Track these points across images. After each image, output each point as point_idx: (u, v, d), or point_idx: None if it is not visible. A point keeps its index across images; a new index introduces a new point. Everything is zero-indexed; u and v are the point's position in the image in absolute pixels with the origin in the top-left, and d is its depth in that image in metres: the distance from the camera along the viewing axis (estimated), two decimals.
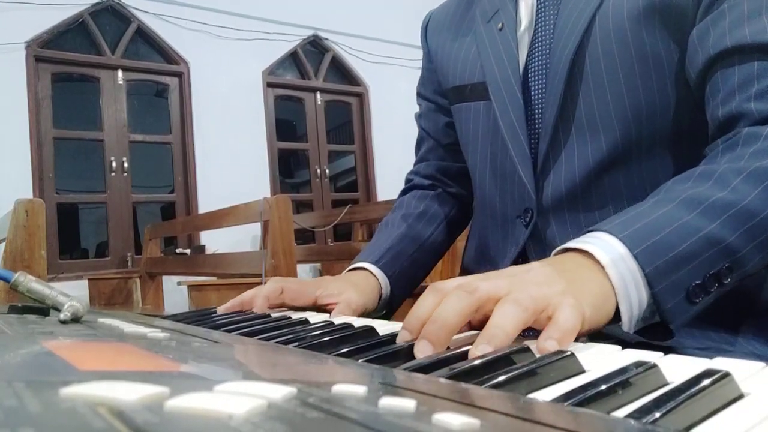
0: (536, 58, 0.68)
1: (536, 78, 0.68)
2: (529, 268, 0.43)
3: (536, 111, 0.68)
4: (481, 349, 0.34)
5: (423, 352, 0.36)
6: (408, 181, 0.92)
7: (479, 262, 0.78)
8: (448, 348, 0.37)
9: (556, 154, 0.66)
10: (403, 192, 0.91)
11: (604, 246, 0.45)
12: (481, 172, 0.76)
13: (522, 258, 0.70)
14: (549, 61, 0.66)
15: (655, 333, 0.46)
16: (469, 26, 0.77)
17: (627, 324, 0.44)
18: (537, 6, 0.69)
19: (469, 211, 0.89)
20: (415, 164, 0.92)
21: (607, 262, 0.44)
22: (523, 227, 0.69)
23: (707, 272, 0.45)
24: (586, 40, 0.62)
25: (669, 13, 0.59)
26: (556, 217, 0.66)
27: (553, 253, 0.49)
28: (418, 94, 0.90)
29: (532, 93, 0.68)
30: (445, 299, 0.39)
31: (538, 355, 0.33)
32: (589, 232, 0.48)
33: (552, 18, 0.67)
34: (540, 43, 0.67)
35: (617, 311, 0.44)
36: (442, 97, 0.84)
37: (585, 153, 0.64)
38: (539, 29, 0.68)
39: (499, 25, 0.71)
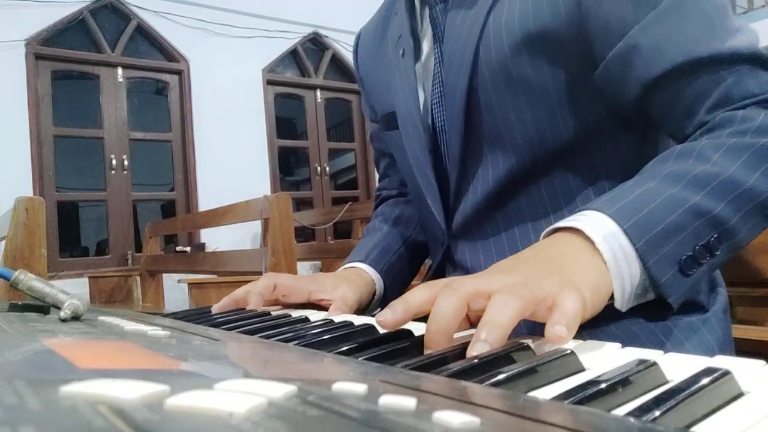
0: (436, 89, 0.68)
1: (438, 109, 0.68)
2: (521, 261, 0.43)
3: (442, 142, 0.69)
4: (477, 348, 0.33)
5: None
6: (377, 197, 0.94)
7: None
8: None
9: (466, 184, 0.67)
10: (376, 206, 0.93)
11: (594, 223, 0.45)
12: (412, 195, 0.80)
13: (438, 274, 0.74)
14: (446, 94, 0.66)
15: (653, 312, 0.46)
16: (383, 50, 0.78)
17: (620, 301, 0.44)
18: (433, 37, 0.69)
19: None
20: (380, 180, 0.95)
21: (598, 239, 0.43)
22: (439, 247, 0.73)
23: (697, 243, 0.45)
24: (475, 71, 0.62)
25: (546, 41, 0.58)
26: (467, 241, 0.69)
27: (542, 234, 0.48)
28: (367, 114, 0.91)
29: (436, 124, 0.69)
30: (435, 304, 0.38)
31: (548, 342, 0.33)
32: (577, 211, 0.48)
33: (444, 46, 0.67)
34: (437, 74, 0.68)
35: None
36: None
37: (486, 180, 0.65)
38: (437, 61, 0.68)
39: (401, 51, 0.72)
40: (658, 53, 0.54)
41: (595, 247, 0.43)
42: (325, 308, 0.64)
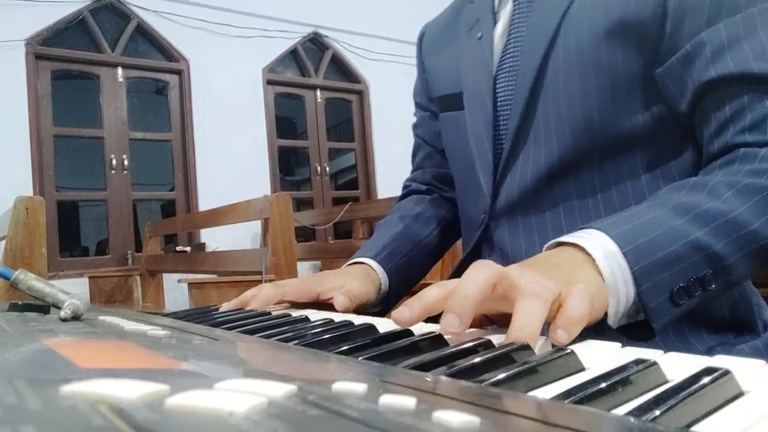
0: (506, 65, 0.69)
1: (504, 85, 0.69)
2: (527, 266, 0.44)
3: (502, 118, 0.69)
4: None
5: (450, 325, 0.37)
6: (405, 187, 0.94)
7: None
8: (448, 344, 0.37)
9: (515, 160, 0.67)
10: (401, 198, 0.93)
11: (597, 242, 0.46)
12: (456, 178, 0.80)
13: (473, 256, 0.74)
14: (517, 69, 0.67)
15: (637, 332, 0.47)
16: (454, 36, 0.79)
17: (612, 318, 0.45)
18: (513, 14, 0.70)
19: None
20: (412, 172, 0.94)
21: (599, 257, 0.45)
22: (476, 228, 0.73)
23: (692, 276, 0.46)
24: (551, 50, 0.63)
25: (629, 29, 0.59)
26: (509, 220, 0.69)
27: (545, 247, 0.50)
28: (415, 104, 0.92)
29: (499, 100, 0.70)
30: (465, 274, 0.39)
31: (550, 346, 0.33)
32: (581, 228, 0.49)
33: (525, 24, 0.68)
34: (511, 51, 0.69)
35: None
36: (434, 105, 0.86)
37: (538, 159, 0.65)
38: (512, 37, 0.69)
39: (479, 35, 0.73)
40: (716, 60, 0.55)
41: (595, 264, 0.45)
42: (331, 306, 0.64)
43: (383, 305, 0.77)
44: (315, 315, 0.57)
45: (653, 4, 0.58)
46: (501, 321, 0.45)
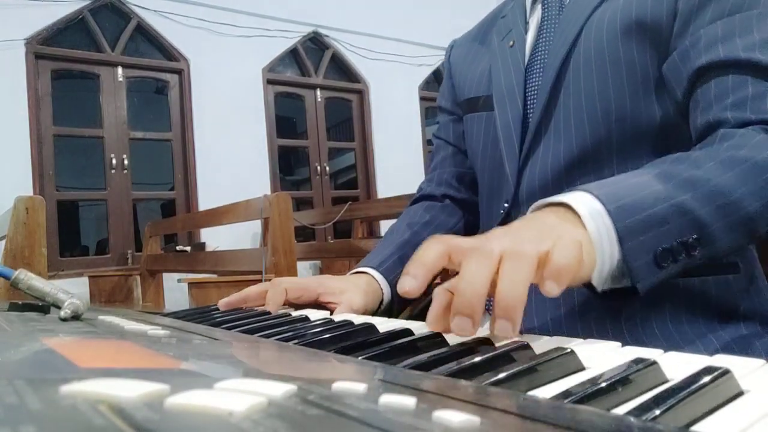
0: (536, 66, 0.73)
1: (533, 83, 0.72)
2: (514, 229, 0.43)
3: (530, 112, 0.72)
4: (500, 327, 0.35)
5: (463, 329, 0.36)
6: (419, 190, 0.93)
7: None
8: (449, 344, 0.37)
9: (536, 151, 0.70)
10: (413, 202, 0.92)
11: (582, 200, 0.46)
12: (480, 173, 0.81)
13: None
14: (544, 69, 0.71)
15: (621, 296, 0.47)
16: (486, 45, 0.84)
17: (596, 278, 0.45)
18: (542, 21, 0.75)
19: (475, 224, 0.91)
20: (428, 174, 0.94)
21: (585, 214, 0.45)
22: (497, 218, 0.74)
23: (676, 239, 0.47)
24: (574, 48, 0.67)
25: (645, 28, 0.63)
26: (528, 209, 0.69)
27: (530, 209, 0.50)
28: (439, 108, 0.94)
29: (528, 96, 0.73)
30: (464, 268, 0.37)
31: (551, 346, 0.33)
32: (566, 191, 0.49)
33: (553, 30, 0.72)
34: (541, 52, 0.72)
35: None
36: (460, 108, 0.89)
37: (558, 151, 0.68)
38: (541, 40, 0.73)
39: (510, 43, 0.77)
40: (708, 50, 0.59)
41: (581, 222, 0.45)
42: (330, 310, 0.64)
43: (387, 314, 0.76)
44: (315, 315, 0.57)
45: (667, 6, 0.62)
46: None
